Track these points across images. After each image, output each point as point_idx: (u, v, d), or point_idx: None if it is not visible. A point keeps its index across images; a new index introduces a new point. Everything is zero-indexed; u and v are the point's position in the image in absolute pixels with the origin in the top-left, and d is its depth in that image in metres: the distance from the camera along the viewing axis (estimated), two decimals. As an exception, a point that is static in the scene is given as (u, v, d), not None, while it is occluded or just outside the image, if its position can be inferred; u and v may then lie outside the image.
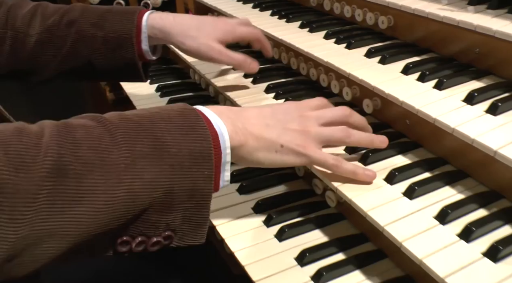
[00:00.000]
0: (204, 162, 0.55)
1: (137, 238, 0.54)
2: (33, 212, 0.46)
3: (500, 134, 0.60)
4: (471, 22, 0.72)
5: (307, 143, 0.65)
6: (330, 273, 0.63)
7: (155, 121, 0.55)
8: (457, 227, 0.59)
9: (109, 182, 0.50)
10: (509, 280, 0.52)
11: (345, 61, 0.85)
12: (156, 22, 0.89)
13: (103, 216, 0.50)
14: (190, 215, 0.55)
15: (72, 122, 0.53)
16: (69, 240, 0.49)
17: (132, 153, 0.51)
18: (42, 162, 0.47)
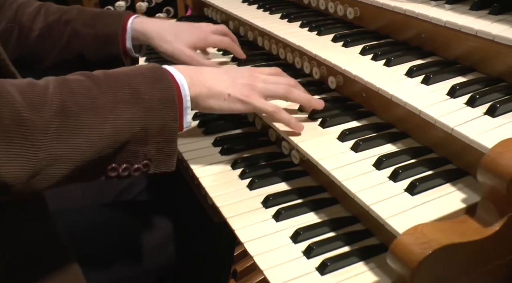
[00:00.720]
0: (170, 105, 0.71)
1: (122, 165, 0.70)
2: (46, 141, 0.61)
3: (430, 100, 0.74)
4: (413, 10, 0.86)
5: (252, 94, 0.81)
6: (286, 213, 0.78)
7: (132, 76, 0.72)
8: (388, 171, 0.72)
9: (99, 120, 0.66)
10: (420, 207, 0.66)
11: (313, 45, 0.99)
12: (138, 26, 1.05)
13: (96, 146, 0.65)
14: (162, 147, 0.71)
15: (68, 78, 0.69)
16: (72, 163, 0.64)
17: (114, 98, 0.68)
18: (50, 105, 0.63)
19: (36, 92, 0.63)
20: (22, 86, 0.63)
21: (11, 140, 0.59)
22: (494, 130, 0.67)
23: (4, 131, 0.59)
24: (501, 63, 0.77)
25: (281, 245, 0.73)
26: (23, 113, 0.60)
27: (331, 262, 0.68)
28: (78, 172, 0.66)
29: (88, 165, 0.66)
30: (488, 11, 0.82)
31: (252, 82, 0.82)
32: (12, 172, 0.60)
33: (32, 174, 0.61)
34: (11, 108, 0.60)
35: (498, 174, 0.59)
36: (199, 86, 0.77)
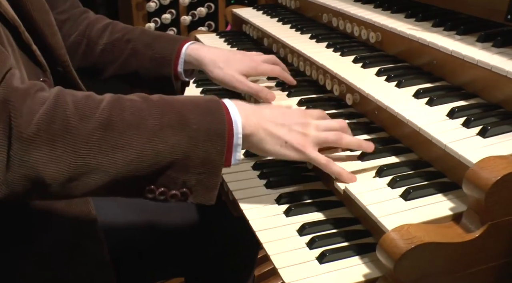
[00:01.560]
0: (217, 139, 0.73)
1: (160, 188, 0.72)
2: (87, 150, 0.67)
3: (431, 119, 0.84)
4: (425, 38, 0.96)
5: (307, 144, 0.82)
6: (296, 210, 0.89)
7: (185, 104, 0.75)
8: (387, 179, 0.82)
9: (141, 140, 0.70)
10: (411, 210, 0.75)
11: (335, 64, 1.10)
12: (193, 52, 1.13)
13: (134, 164, 0.70)
14: (203, 179, 0.73)
15: (124, 97, 0.76)
16: (109, 176, 0.69)
17: (161, 122, 0.71)
18: (98, 117, 0.69)
19: (89, 104, 0.70)
20: (78, 97, 0.71)
21: (55, 143, 0.66)
22: (482, 149, 0.75)
23: (51, 134, 0.65)
24: (500, 92, 0.86)
25: (288, 236, 0.84)
26: (71, 121, 0.67)
27: (329, 253, 0.78)
28: (114, 185, 0.70)
29: (124, 181, 0.70)
30: (492, 44, 0.91)
31: (306, 131, 0.82)
32: (51, 172, 0.66)
33: (68, 178, 0.67)
34: (62, 115, 0.67)
35: (478, 186, 0.68)
36: (256, 128, 0.78)
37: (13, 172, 0.65)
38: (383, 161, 0.88)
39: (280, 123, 0.82)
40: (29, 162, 0.65)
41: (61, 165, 0.66)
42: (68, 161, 0.67)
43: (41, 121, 0.66)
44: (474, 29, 0.98)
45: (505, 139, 0.78)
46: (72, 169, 0.67)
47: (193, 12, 1.90)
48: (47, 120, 0.66)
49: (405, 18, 1.13)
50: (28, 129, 0.65)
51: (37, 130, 0.65)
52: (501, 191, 0.68)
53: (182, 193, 0.73)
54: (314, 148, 0.83)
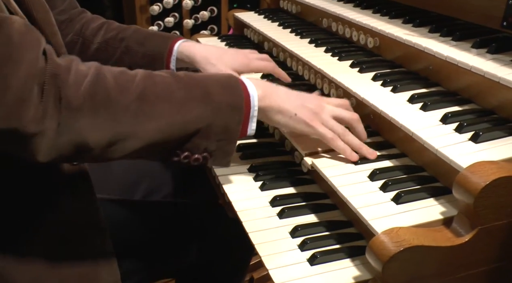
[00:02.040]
0: (236, 110, 0.83)
1: (184, 152, 0.81)
2: (125, 118, 0.75)
3: (424, 124, 0.85)
4: (421, 44, 0.97)
5: (315, 119, 0.89)
6: (289, 212, 0.89)
7: (207, 79, 0.85)
8: (380, 183, 0.83)
9: (171, 110, 0.78)
10: (402, 214, 0.76)
11: (332, 69, 1.11)
12: (185, 49, 1.15)
13: (165, 131, 0.78)
14: (222, 145, 0.83)
15: (155, 72, 0.83)
16: (143, 142, 0.77)
17: (188, 95, 0.80)
18: (134, 90, 0.77)
19: (126, 78, 0.78)
20: (115, 72, 0.79)
21: (98, 112, 0.73)
22: (473, 154, 0.76)
23: (95, 104, 0.73)
24: (493, 98, 0.87)
25: (280, 237, 0.84)
26: (111, 93, 0.75)
27: (320, 255, 0.78)
28: (146, 150, 0.79)
29: (156, 146, 0.79)
30: (486, 50, 0.91)
31: (318, 111, 0.89)
32: (94, 137, 0.74)
33: (108, 143, 0.75)
34: (103, 87, 0.75)
35: (468, 191, 0.69)
36: (269, 101, 0.87)
37: (63, 137, 0.72)
38: (377, 164, 0.89)
39: (293, 99, 0.89)
40: (76, 128, 0.72)
41: (103, 131, 0.74)
42: (109, 128, 0.75)
43: (86, 92, 0.73)
44: (470, 35, 0.98)
45: (496, 145, 0.78)
46: (112, 135, 0.75)
47: (196, 15, 1.91)
48: (91, 92, 0.74)
49: (403, 24, 1.14)
50: (76, 99, 0.72)
51: (83, 100, 0.72)
52: (490, 195, 0.68)
53: (203, 157, 0.83)
54: (321, 124, 0.89)
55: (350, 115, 0.93)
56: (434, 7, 1.17)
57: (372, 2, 1.31)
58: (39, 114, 0.69)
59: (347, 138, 0.90)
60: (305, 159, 0.92)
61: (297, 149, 0.98)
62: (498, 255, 0.75)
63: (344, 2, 1.40)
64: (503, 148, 0.77)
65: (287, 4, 1.65)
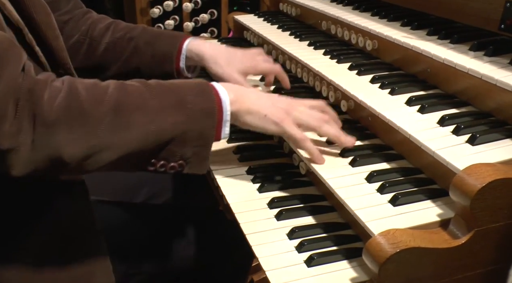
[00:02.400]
0: (210, 116, 0.83)
1: (160, 161, 0.81)
2: (100, 131, 0.75)
3: (421, 126, 0.85)
4: (419, 46, 0.97)
5: (286, 119, 0.89)
6: (287, 214, 0.90)
7: (180, 86, 0.85)
8: (377, 185, 0.83)
9: (146, 119, 0.78)
10: (399, 216, 0.76)
11: (331, 71, 1.11)
12: (194, 48, 1.16)
13: (141, 141, 0.78)
14: (198, 151, 0.83)
15: (126, 82, 0.83)
16: (119, 153, 0.77)
17: (162, 103, 0.80)
18: (108, 101, 0.77)
19: (98, 90, 0.78)
20: (87, 84, 0.79)
21: (72, 126, 0.73)
22: (470, 156, 0.76)
23: (69, 118, 0.73)
24: (491, 100, 0.87)
25: (278, 239, 0.85)
26: (85, 106, 0.75)
27: (317, 257, 0.78)
28: (122, 161, 0.79)
29: (131, 156, 0.79)
30: (484, 53, 0.92)
31: (289, 109, 0.91)
32: (69, 151, 0.74)
33: (84, 157, 0.75)
34: (77, 101, 0.75)
35: (464, 193, 0.69)
36: (239, 104, 0.88)
37: (38, 153, 0.73)
38: (374, 167, 0.89)
39: (263, 100, 0.91)
40: (52, 143, 0.73)
41: (78, 145, 0.74)
42: (84, 141, 0.75)
43: (59, 108, 0.73)
44: (468, 38, 0.99)
45: (493, 147, 0.78)
46: (87, 148, 0.75)
47: (196, 18, 1.92)
48: (64, 107, 0.74)
49: (401, 27, 1.14)
50: (50, 115, 0.72)
51: (57, 115, 0.73)
52: (487, 197, 0.68)
53: (179, 164, 0.83)
54: (292, 124, 0.89)
55: (321, 115, 0.93)
56: (432, 9, 1.17)
57: (371, 5, 1.31)
58: (14, 130, 0.70)
59: (323, 129, 0.91)
60: (303, 161, 0.92)
61: (295, 151, 0.98)
62: (495, 257, 0.75)
63: (343, 5, 1.40)
64: (500, 150, 0.77)
65: (287, 7, 1.66)
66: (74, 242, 0.91)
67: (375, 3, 1.35)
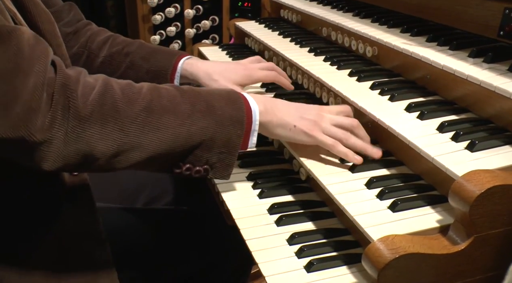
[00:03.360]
0: (238, 124, 0.85)
1: (186, 164, 0.83)
2: (131, 129, 0.77)
3: (420, 133, 0.85)
4: (418, 53, 0.98)
5: (315, 129, 0.91)
6: (287, 219, 0.90)
7: (210, 93, 0.87)
8: (377, 191, 0.83)
9: (176, 122, 0.80)
10: (398, 222, 0.76)
11: (331, 78, 1.12)
12: (189, 67, 1.18)
13: (170, 143, 0.80)
14: (223, 157, 0.85)
15: (160, 85, 0.85)
16: (148, 153, 0.79)
17: (192, 108, 0.82)
18: (141, 102, 0.79)
19: (132, 90, 0.80)
20: (122, 84, 0.81)
21: (106, 122, 0.75)
22: (469, 163, 0.76)
23: (103, 114, 0.75)
24: (490, 107, 0.87)
25: (278, 245, 0.85)
26: (119, 104, 0.77)
27: (317, 262, 0.79)
28: (150, 161, 0.80)
29: (159, 157, 0.80)
30: (482, 59, 0.92)
31: (317, 120, 0.92)
32: (101, 147, 0.75)
33: (114, 154, 0.77)
34: (111, 98, 0.76)
35: (463, 199, 0.69)
36: (270, 116, 0.89)
37: (69, 147, 0.74)
38: (374, 173, 0.89)
39: (292, 112, 0.92)
40: (84, 138, 0.74)
41: (109, 141, 0.76)
42: (115, 138, 0.76)
43: (94, 103, 0.75)
44: (467, 44, 0.99)
45: (492, 153, 0.79)
46: (118, 146, 0.77)
47: (197, 25, 1.93)
48: (99, 102, 0.76)
49: (401, 33, 1.15)
50: (84, 110, 0.74)
51: (91, 110, 0.75)
52: (485, 204, 0.69)
53: (204, 169, 0.85)
54: (322, 133, 0.91)
55: (349, 121, 0.94)
56: (432, 16, 1.18)
57: (371, 12, 1.32)
58: (47, 123, 0.71)
59: (350, 142, 0.92)
60: (303, 167, 0.93)
61: (295, 157, 0.99)
62: (494, 264, 0.75)
63: (343, 12, 1.41)
64: (499, 157, 0.77)
65: (288, 13, 1.67)
66: (80, 250, 0.92)
67: (375, 9, 1.36)
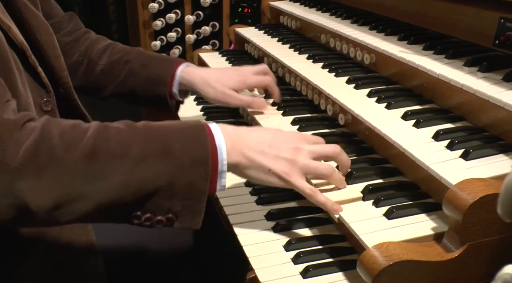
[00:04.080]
0: (201, 166, 0.74)
1: (146, 214, 0.74)
2: (72, 179, 0.69)
3: (416, 141, 0.86)
4: (414, 61, 1.00)
5: (292, 172, 0.80)
6: (283, 226, 0.90)
7: (169, 131, 0.76)
8: (372, 198, 0.84)
9: (125, 168, 0.71)
10: (393, 229, 0.77)
11: (328, 85, 1.13)
12: (186, 75, 1.18)
13: (119, 191, 0.71)
14: (188, 204, 0.74)
15: (110, 125, 0.76)
16: (95, 203, 0.70)
17: (145, 151, 0.73)
18: (83, 147, 0.70)
19: (75, 134, 0.72)
20: (65, 127, 0.73)
21: (41, 173, 0.68)
22: (463, 171, 0.77)
23: (36, 165, 0.68)
24: (485, 116, 0.88)
25: (274, 251, 0.86)
26: (56, 151, 0.69)
27: (313, 268, 0.80)
28: (99, 212, 0.72)
29: (111, 207, 0.72)
30: (478, 68, 0.93)
31: (295, 158, 0.81)
32: (37, 201, 0.68)
33: (54, 206, 0.69)
34: (47, 146, 0.69)
35: (457, 207, 0.70)
36: (239, 157, 0.79)
37: (0, 201, 0.68)
38: (370, 180, 0.90)
39: (266, 150, 0.81)
40: (15, 191, 0.67)
41: (46, 194, 0.68)
42: (53, 190, 0.69)
43: (26, 153, 0.68)
44: (463, 53, 1.00)
45: (486, 162, 0.80)
46: (57, 198, 0.69)
47: (198, 30, 1.94)
48: (32, 151, 0.68)
49: (398, 41, 1.16)
50: (14, 161, 0.67)
51: (23, 161, 0.67)
52: (479, 212, 0.70)
53: (167, 218, 0.75)
54: (300, 176, 0.82)
55: (331, 149, 0.86)
56: (429, 24, 1.19)
57: (369, 19, 1.34)
58: None
59: (333, 178, 0.85)
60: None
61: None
62: (487, 271, 0.76)
63: (342, 19, 1.42)
64: (493, 166, 0.78)
65: (287, 19, 1.68)
66: (73, 263, 0.91)
67: (373, 17, 1.37)
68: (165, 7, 1.93)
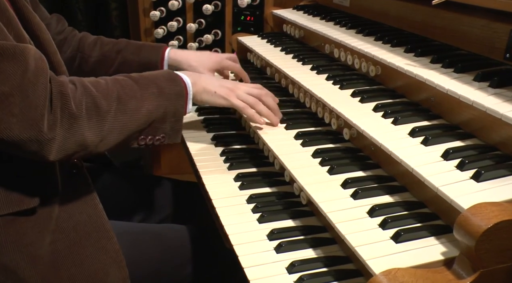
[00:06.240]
0: (181, 97, 1.06)
1: (148, 136, 1.03)
2: (109, 117, 0.94)
3: (424, 160, 0.83)
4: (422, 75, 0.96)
5: (231, 94, 1.15)
6: (287, 246, 0.87)
7: (157, 77, 1.07)
8: (379, 219, 0.81)
9: (139, 105, 0.99)
10: (401, 253, 0.74)
11: (333, 98, 1.10)
12: (173, 55, 1.38)
13: (137, 122, 0.99)
14: (173, 125, 1.05)
15: (118, 78, 1.03)
16: (123, 133, 0.97)
17: (147, 92, 1.01)
18: (111, 94, 0.96)
19: (102, 86, 0.97)
20: (92, 82, 0.98)
21: (90, 117, 0.92)
22: (475, 194, 0.74)
23: (87, 110, 0.91)
24: (496, 133, 0.85)
25: (278, 273, 0.82)
26: (97, 100, 0.94)
27: (317, 295, 0.76)
28: (123, 140, 0.98)
29: (130, 135, 0.99)
30: (488, 84, 0.90)
31: (234, 88, 1.17)
32: (90, 136, 0.92)
33: (100, 139, 0.94)
34: (91, 97, 0.93)
35: (469, 233, 0.67)
36: (197, 86, 1.13)
37: (69, 140, 0.90)
38: (377, 199, 0.87)
39: (213, 82, 1.16)
40: (78, 131, 0.91)
41: (96, 130, 0.93)
42: (99, 127, 0.94)
43: (81, 102, 0.92)
44: (472, 67, 0.97)
45: (499, 184, 0.76)
46: (102, 132, 0.94)
47: (200, 39, 1.91)
48: (84, 101, 0.92)
49: (404, 53, 1.12)
50: (74, 109, 0.90)
51: (80, 109, 0.91)
52: (492, 239, 0.66)
53: (162, 137, 1.05)
54: (237, 99, 1.15)
55: (259, 91, 1.18)
56: (436, 35, 1.16)
57: (375, 29, 1.31)
58: (52, 124, 0.87)
59: (258, 107, 1.16)
60: (303, 193, 0.91)
61: (295, 181, 0.96)
62: (501, 299, 0.73)
63: (346, 28, 1.39)
64: (506, 188, 0.75)
65: (290, 28, 1.65)
66: (87, 241, 1.01)
67: (379, 27, 1.34)
68: (166, 15, 1.90)
